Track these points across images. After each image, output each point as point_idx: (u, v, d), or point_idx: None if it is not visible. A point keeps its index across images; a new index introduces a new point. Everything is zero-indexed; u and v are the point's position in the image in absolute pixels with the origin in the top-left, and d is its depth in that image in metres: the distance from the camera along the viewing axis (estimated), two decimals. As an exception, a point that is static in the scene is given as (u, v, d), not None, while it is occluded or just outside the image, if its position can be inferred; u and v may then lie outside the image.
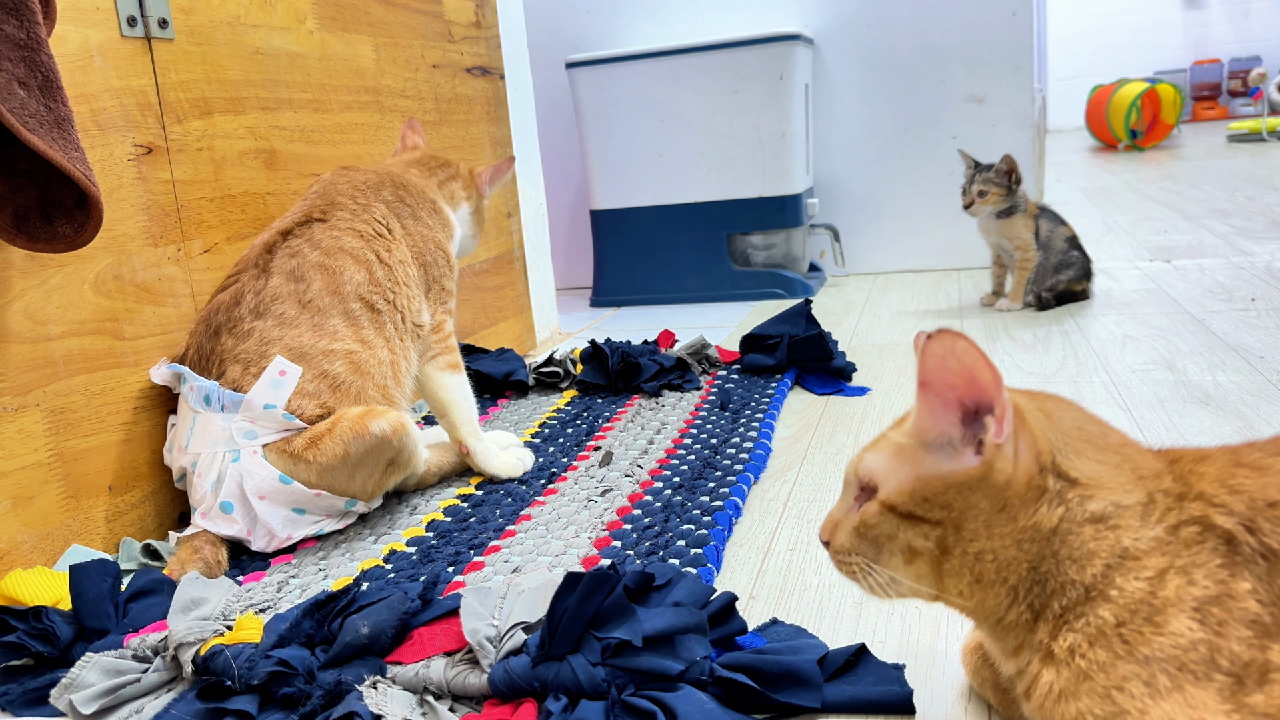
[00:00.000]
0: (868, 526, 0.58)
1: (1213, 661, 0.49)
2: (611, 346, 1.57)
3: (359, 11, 1.46)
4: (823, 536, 0.62)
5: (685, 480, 1.12)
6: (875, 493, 0.58)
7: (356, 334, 1.09)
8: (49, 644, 0.79)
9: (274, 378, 1.02)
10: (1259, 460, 0.55)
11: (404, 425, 1.05)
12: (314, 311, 1.07)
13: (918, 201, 2.41)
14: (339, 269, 1.10)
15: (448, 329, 1.24)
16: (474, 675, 0.71)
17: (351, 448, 1.01)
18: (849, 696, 0.68)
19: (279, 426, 1.02)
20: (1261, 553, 0.51)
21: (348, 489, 1.04)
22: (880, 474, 0.58)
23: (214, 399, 1.01)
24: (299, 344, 1.05)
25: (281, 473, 1.00)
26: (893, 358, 1.63)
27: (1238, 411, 1.20)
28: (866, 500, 0.58)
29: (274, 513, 1.01)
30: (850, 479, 0.60)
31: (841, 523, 0.60)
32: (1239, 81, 6.85)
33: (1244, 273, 1.97)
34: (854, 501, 0.60)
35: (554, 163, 2.65)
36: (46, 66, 0.86)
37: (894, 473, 0.57)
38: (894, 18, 2.32)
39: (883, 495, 0.57)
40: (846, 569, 0.60)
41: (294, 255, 1.09)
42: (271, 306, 1.05)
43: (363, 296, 1.10)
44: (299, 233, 1.11)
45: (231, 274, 1.09)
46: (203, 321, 1.06)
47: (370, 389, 1.08)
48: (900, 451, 0.58)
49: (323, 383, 1.05)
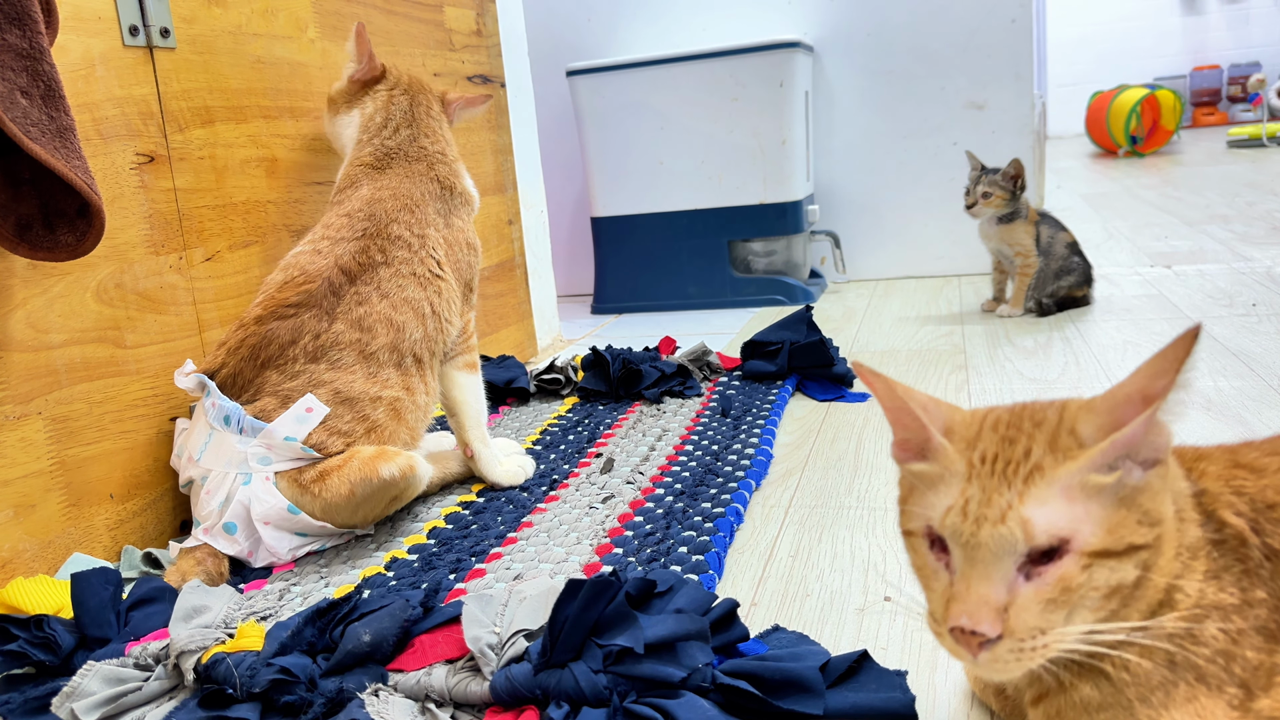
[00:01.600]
0: (1070, 590, 0.47)
1: (1229, 670, 0.49)
2: (613, 353, 1.57)
3: (360, 20, 1.46)
4: (990, 630, 0.47)
5: (687, 487, 1.12)
6: (1063, 550, 0.47)
7: (404, 382, 1.10)
8: (50, 652, 0.79)
9: (300, 413, 1.02)
10: (1256, 460, 0.55)
11: (413, 468, 1.04)
12: (374, 363, 1.07)
13: (918, 208, 2.41)
14: (403, 324, 1.10)
15: (470, 328, 1.24)
16: (476, 683, 0.71)
17: (358, 489, 1.01)
18: (851, 703, 0.68)
19: (294, 456, 1.02)
20: (1266, 554, 0.51)
21: (350, 521, 1.04)
22: (1068, 524, 0.47)
23: (234, 421, 1.01)
24: (350, 389, 1.04)
25: (290, 503, 1.00)
26: (894, 364, 1.63)
27: (1239, 416, 1.20)
28: (1045, 564, 0.47)
29: (277, 537, 1.01)
30: (1001, 551, 0.48)
31: (1015, 604, 0.47)
32: (1239, 87, 6.86)
33: (1245, 278, 1.97)
34: (1016, 574, 0.48)
35: (555, 170, 2.65)
36: (49, 76, 0.86)
37: (1085, 516, 0.48)
38: (894, 24, 2.33)
39: (1088, 545, 0.47)
40: (1027, 656, 0.47)
41: (362, 304, 1.08)
42: (330, 352, 1.05)
43: (416, 353, 1.11)
44: (366, 278, 1.09)
45: (290, 302, 1.06)
46: (248, 347, 1.04)
47: (402, 432, 1.09)
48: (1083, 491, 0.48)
49: (360, 425, 1.05)
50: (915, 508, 0.53)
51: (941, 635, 0.50)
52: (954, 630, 0.48)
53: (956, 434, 0.53)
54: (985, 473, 0.50)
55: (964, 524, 0.49)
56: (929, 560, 0.52)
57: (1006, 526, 0.47)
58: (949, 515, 0.49)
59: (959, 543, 0.49)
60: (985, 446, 0.51)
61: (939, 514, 0.50)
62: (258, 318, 1.05)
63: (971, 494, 0.49)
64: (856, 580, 0.89)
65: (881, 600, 0.85)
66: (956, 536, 0.49)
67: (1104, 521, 0.47)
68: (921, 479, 0.53)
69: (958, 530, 0.49)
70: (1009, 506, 0.48)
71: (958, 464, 0.51)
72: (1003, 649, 0.47)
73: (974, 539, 0.48)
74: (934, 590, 0.52)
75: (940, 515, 0.50)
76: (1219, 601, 0.49)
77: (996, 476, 0.49)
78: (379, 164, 1.20)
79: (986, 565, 0.48)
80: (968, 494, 0.49)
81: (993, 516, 0.48)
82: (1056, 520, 0.47)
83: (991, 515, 0.48)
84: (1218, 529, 0.51)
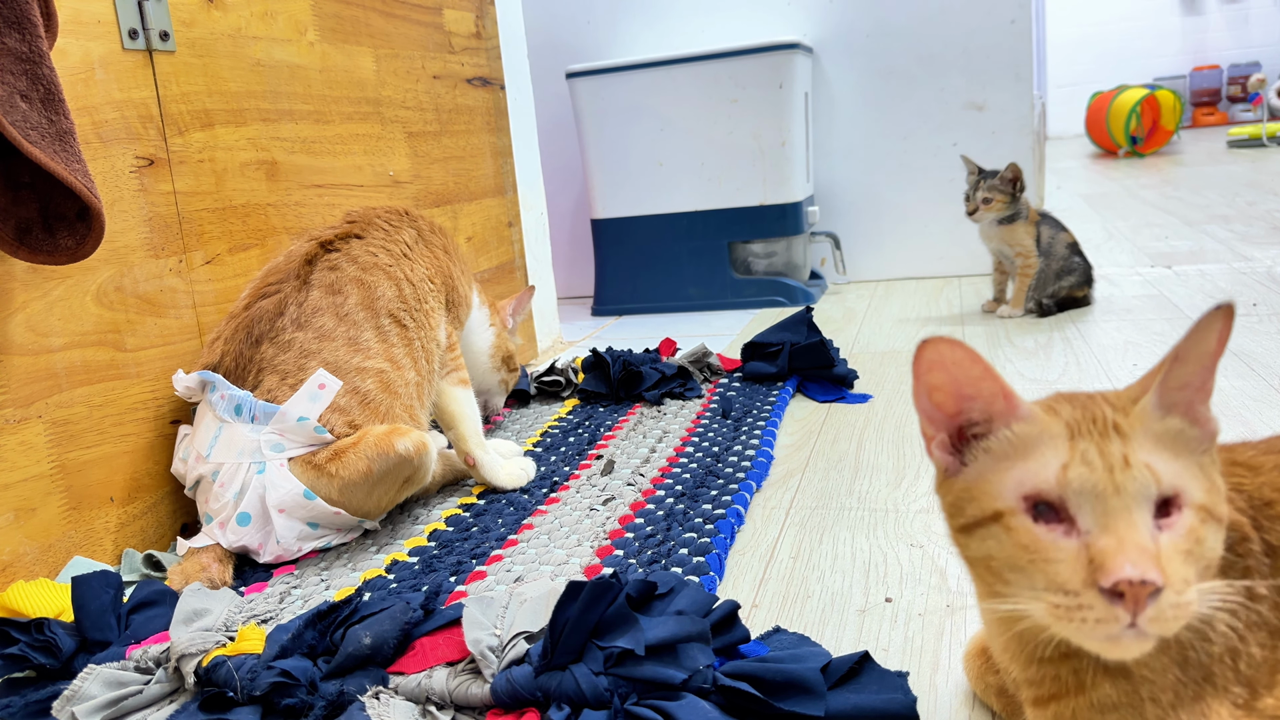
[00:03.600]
0: (1200, 541, 0.45)
1: (1235, 668, 0.48)
2: (613, 355, 1.57)
3: (359, 23, 1.46)
4: (1157, 577, 0.43)
5: (687, 488, 1.11)
6: (1179, 504, 0.46)
7: (386, 351, 1.11)
8: (51, 656, 0.79)
9: (313, 390, 1.03)
10: (1253, 459, 0.55)
11: (426, 445, 1.06)
12: (350, 325, 1.09)
13: (918, 209, 2.41)
14: (373, 284, 1.12)
15: (459, 348, 1.27)
16: (476, 685, 0.71)
17: (375, 465, 1.01)
18: (852, 705, 0.68)
19: (308, 440, 1.02)
20: (1265, 550, 0.51)
21: (364, 506, 1.04)
22: (1181, 478, 0.45)
23: (245, 409, 1.01)
24: (335, 359, 1.06)
25: (306, 488, 1.00)
26: (894, 365, 1.63)
27: (1239, 416, 1.20)
28: (1167, 516, 0.45)
29: (290, 527, 1.01)
30: (1139, 495, 0.45)
31: (1164, 554, 0.44)
32: (1238, 87, 6.86)
33: (1245, 278, 1.97)
34: (1154, 523, 0.45)
35: (555, 172, 2.66)
36: (48, 79, 0.87)
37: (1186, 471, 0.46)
38: (893, 26, 2.33)
39: (1199, 500, 0.46)
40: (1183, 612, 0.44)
41: (333, 269, 1.11)
42: (312, 319, 1.07)
43: (392, 312, 1.13)
44: (338, 246, 1.14)
45: (270, 282, 1.10)
46: (243, 328, 1.07)
47: (398, 408, 1.10)
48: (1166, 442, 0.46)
49: (353, 399, 1.06)
50: (999, 489, 0.49)
51: (1083, 607, 0.44)
52: (1115, 586, 0.43)
53: (1026, 405, 0.50)
54: (1085, 430, 0.47)
55: (1094, 474, 0.45)
56: (1039, 536, 0.47)
57: (1137, 470, 0.45)
58: (1070, 470, 0.46)
59: (1093, 494, 0.45)
60: (1067, 413, 0.48)
61: (1053, 473, 0.46)
62: (245, 305, 1.09)
63: (1084, 448, 0.46)
64: (857, 581, 0.89)
65: (883, 601, 0.85)
66: (1089, 488, 0.45)
67: (1200, 479, 0.46)
68: (1011, 447, 0.49)
69: (1088, 482, 0.45)
70: (1126, 455, 0.45)
71: (1055, 425, 0.48)
72: (1165, 603, 0.43)
73: (1111, 485, 0.45)
74: (1057, 562, 0.46)
75: (1056, 474, 0.46)
76: (1227, 599, 0.49)
77: (1096, 433, 0.47)
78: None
79: (1130, 513, 0.44)
80: (1080, 448, 0.46)
81: (1118, 464, 0.45)
82: (1168, 468, 0.45)
83: (1117, 463, 0.45)
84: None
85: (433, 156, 1.64)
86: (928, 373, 0.51)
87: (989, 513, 0.49)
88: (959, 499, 0.51)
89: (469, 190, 1.75)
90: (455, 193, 1.71)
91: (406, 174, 1.57)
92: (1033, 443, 0.48)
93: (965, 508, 0.51)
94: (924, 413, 0.53)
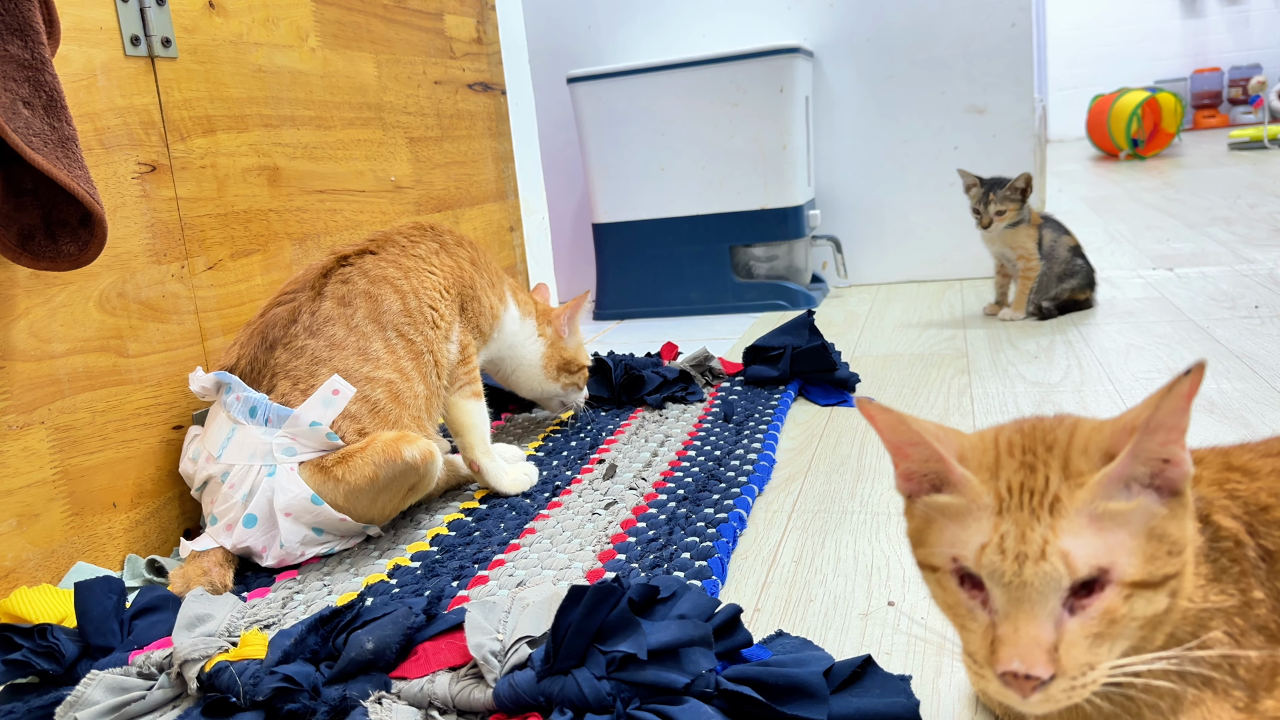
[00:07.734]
0: (1115, 621, 0.46)
1: (1234, 673, 0.48)
2: (615, 359, 1.57)
3: (361, 29, 1.47)
4: (1043, 672, 0.45)
5: (689, 492, 1.11)
6: (1104, 582, 0.46)
7: (394, 362, 1.11)
8: (54, 662, 0.79)
9: (326, 396, 1.03)
10: (1249, 463, 0.55)
11: (433, 453, 1.06)
12: (359, 335, 1.10)
13: (920, 212, 2.41)
14: (380, 296, 1.14)
15: (474, 361, 1.26)
16: (479, 690, 0.71)
17: (381, 471, 1.02)
18: (855, 709, 0.67)
19: (319, 445, 1.03)
20: (1261, 555, 0.51)
21: (369, 512, 1.05)
22: (1104, 553, 0.46)
23: (260, 411, 1.02)
24: (346, 367, 1.07)
25: (314, 493, 1.01)
26: (896, 368, 1.63)
27: (1242, 419, 1.20)
28: (1087, 597, 0.46)
29: (294, 531, 1.01)
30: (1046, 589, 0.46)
31: (1064, 642, 0.46)
32: (1239, 89, 6.86)
33: (1247, 280, 1.97)
34: (1062, 609, 0.46)
35: (556, 177, 2.66)
36: (51, 86, 0.87)
37: (1121, 545, 0.46)
38: (893, 29, 2.33)
39: (1128, 576, 0.46)
40: (1078, 692, 0.46)
41: (345, 282, 1.13)
42: (324, 328, 1.09)
43: (398, 326, 1.14)
44: (354, 260, 1.16)
45: (287, 291, 1.12)
46: (258, 334, 1.08)
47: (406, 418, 1.11)
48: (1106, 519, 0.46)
49: (364, 406, 1.07)
50: (937, 543, 0.50)
51: (985, 678, 0.47)
52: (1004, 675, 0.46)
53: (972, 461, 0.50)
54: (1015, 505, 0.47)
55: (1004, 563, 0.46)
56: (961, 599, 0.49)
57: (1049, 563, 0.45)
58: (985, 554, 0.47)
59: (1000, 583, 0.46)
60: (1008, 475, 0.49)
61: (973, 552, 0.48)
62: (262, 312, 1.11)
63: (1006, 529, 0.47)
64: (860, 585, 0.89)
65: (885, 605, 0.85)
66: (998, 576, 0.47)
67: (1138, 551, 0.46)
68: (944, 512, 0.50)
69: (998, 570, 0.47)
70: (1045, 541, 0.46)
71: (985, 496, 0.48)
72: (1056, 689, 0.45)
73: (1018, 578, 0.46)
74: (971, 630, 0.49)
75: (975, 553, 0.48)
76: (1221, 604, 0.49)
77: (1026, 509, 0.47)
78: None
79: (1033, 604, 0.46)
80: (1001, 529, 0.47)
81: (1033, 553, 0.46)
82: (1093, 550, 0.45)
83: (1031, 551, 0.46)
84: (1214, 532, 0.51)
85: (434, 162, 1.64)
86: (872, 423, 0.53)
87: (927, 563, 0.52)
88: (914, 534, 0.54)
89: (470, 195, 1.75)
90: (457, 198, 1.71)
91: (408, 179, 1.57)
92: (963, 511, 0.49)
93: (915, 547, 0.53)
94: (886, 447, 0.54)
